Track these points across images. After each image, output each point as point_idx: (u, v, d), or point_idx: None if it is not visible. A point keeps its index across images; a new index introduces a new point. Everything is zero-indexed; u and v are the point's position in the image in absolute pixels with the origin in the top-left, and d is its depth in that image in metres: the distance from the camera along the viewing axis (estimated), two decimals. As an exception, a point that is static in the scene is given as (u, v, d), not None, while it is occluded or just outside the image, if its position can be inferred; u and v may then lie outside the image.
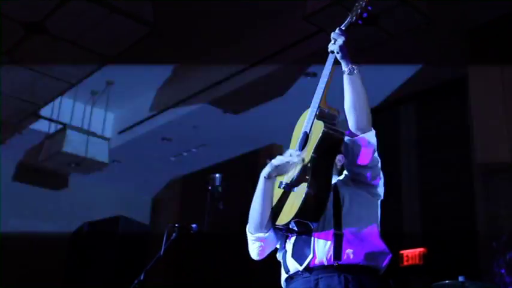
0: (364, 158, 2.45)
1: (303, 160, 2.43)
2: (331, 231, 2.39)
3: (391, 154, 2.51)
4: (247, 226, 2.60)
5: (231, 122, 7.84)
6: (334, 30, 2.52)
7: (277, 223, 2.48)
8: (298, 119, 2.65)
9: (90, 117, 8.62)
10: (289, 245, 2.50)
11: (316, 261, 2.37)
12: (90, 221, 10.23)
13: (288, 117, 2.88)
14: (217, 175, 6.10)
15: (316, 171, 2.38)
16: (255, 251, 2.61)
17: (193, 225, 3.48)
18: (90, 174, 9.63)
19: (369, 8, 2.49)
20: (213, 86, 7.26)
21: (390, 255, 2.43)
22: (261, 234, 2.55)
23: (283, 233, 2.53)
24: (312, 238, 2.41)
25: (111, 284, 9.33)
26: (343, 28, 2.51)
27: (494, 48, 5.75)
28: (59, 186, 10.05)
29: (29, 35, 6.58)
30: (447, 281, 4.07)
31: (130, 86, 7.86)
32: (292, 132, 2.63)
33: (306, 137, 2.49)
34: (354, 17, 2.50)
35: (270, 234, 2.56)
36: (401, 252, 6.33)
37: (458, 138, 6.41)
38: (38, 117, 8.52)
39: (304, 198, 2.33)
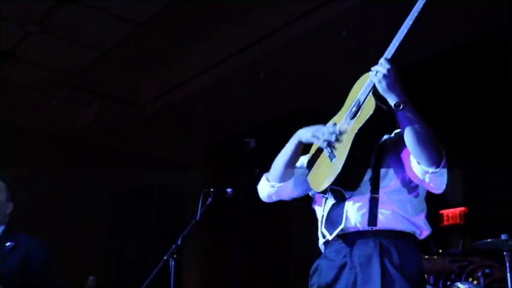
0: (439, 188, 2.28)
1: (347, 133, 2.34)
2: (368, 195, 2.30)
3: (430, 111, 2.37)
4: (267, 173, 2.59)
5: (265, 84, 7.76)
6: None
7: (310, 182, 2.46)
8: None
9: (124, 85, 8.62)
10: (325, 212, 2.43)
11: (351, 228, 2.30)
12: (126, 188, 10.38)
13: (324, 78, 2.79)
14: (251, 139, 6.03)
15: (356, 150, 2.29)
16: (265, 193, 2.61)
17: (229, 190, 3.45)
18: (124, 141, 9.73)
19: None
20: (246, 49, 7.17)
21: (429, 231, 2.36)
22: (277, 184, 2.55)
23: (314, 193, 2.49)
24: (346, 205, 2.33)
25: (148, 250, 9.48)
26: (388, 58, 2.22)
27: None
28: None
29: (58, 5, 6.58)
30: (489, 240, 3.98)
31: (163, 51, 7.80)
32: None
33: (358, 107, 2.36)
34: None
35: (286, 184, 2.54)
36: (442, 212, 6.23)
37: (499, 94, 6.22)
38: (71, 86, 8.56)
39: (337, 175, 2.28)
